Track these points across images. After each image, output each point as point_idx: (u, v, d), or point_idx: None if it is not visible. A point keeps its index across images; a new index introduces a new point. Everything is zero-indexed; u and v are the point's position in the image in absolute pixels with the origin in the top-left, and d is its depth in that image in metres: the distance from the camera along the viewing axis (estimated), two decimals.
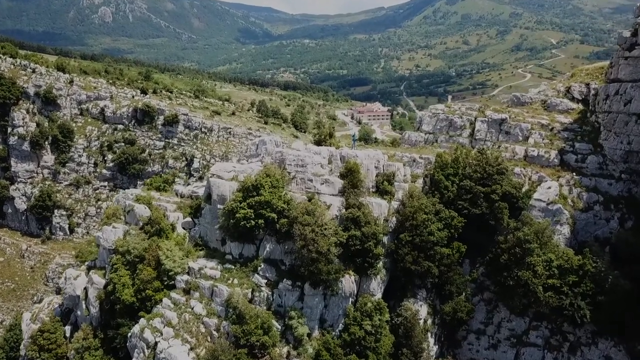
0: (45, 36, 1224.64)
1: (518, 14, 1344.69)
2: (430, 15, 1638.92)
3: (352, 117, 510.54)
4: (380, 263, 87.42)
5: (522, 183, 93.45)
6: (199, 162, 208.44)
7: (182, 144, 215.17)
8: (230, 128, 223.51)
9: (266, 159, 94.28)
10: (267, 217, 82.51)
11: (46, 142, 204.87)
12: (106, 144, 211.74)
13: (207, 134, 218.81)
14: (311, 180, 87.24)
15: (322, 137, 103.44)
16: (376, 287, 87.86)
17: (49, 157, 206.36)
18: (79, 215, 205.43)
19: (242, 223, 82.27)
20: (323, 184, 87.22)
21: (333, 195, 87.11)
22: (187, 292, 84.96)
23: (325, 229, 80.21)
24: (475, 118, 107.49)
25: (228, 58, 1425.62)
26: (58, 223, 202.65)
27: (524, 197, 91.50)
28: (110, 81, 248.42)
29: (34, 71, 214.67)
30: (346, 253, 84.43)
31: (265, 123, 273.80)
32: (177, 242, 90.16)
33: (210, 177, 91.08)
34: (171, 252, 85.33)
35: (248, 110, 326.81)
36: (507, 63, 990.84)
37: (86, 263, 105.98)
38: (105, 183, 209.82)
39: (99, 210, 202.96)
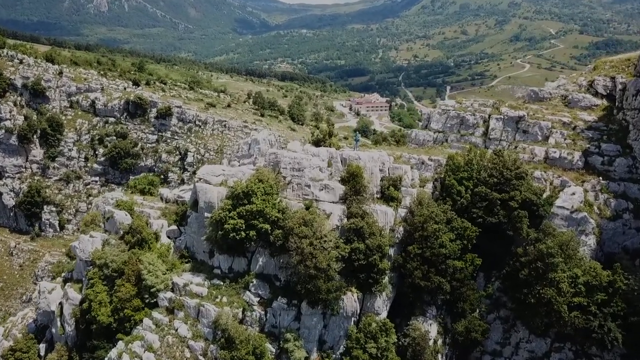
0: (40, 26, 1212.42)
1: (517, 4, 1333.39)
2: (428, 4, 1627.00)
3: (351, 109, 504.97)
4: (386, 278, 79.31)
5: (542, 188, 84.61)
6: (193, 156, 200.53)
7: (176, 137, 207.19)
8: (225, 121, 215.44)
9: (259, 161, 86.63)
10: (260, 229, 74.71)
11: (35, 136, 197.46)
12: (97, 138, 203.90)
13: (202, 127, 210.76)
14: (309, 186, 79.42)
15: (321, 136, 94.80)
16: (381, 305, 79.52)
17: (37, 152, 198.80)
18: (69, 211, 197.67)
19: (231, 235, 74.28)
20: (322, 190, 79.42)
21: (333, 202, 79.26)
22: (170, 311, 76.59)
23: (325, 241, 72.04)
24: (490, 115, 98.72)
25: (225, 48, 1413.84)
26: (48, 219, 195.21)
27: (545, 205, 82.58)
28: (102, 72, 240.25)
29: (21, 62, 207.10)
30: (348, 267, 76.34)
31: (262, 115, 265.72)
32: (161, 254, 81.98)
33: (197, 181, 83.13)
34: (153, 265, 76.96)
35: (244, 102, 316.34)
36: (506, 53, 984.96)
37: (63, 274, 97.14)
38: (97, 178, 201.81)
39: (90, 206, 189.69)
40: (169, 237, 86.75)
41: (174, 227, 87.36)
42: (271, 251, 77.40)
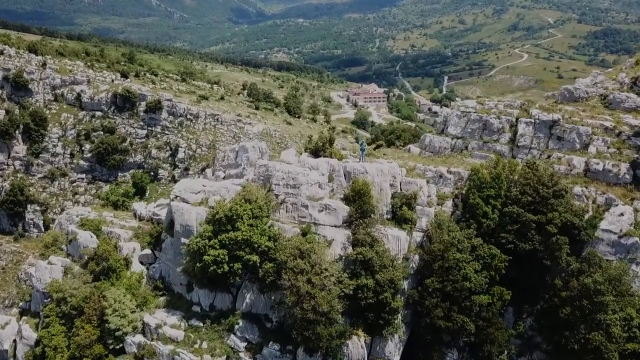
0: (33, 15, 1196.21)
1: None
2: None
3: (348, 100, 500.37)
4: (399, 318, 67.05)
5: (584, 208, 71.39)
6: (184, 152, 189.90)
7: (166, 132, 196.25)
8: (218, 115, 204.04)
9: (247, 172, 74.62)
10: (246, 261, 62.60)
11: (17, 131, 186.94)
12: (83, 133, 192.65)
13: (193, 121, 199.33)
14: (306, 207, 67.71)
15: (320, 144, 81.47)
16: (393, 349, 67.12)
17: (20, 148, 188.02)
18: (54, 210, 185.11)
19: (211, 268, 62.26)
20: (322, 211, 67.74)
21: (335, 226, 67.51)
22: (140, 359, 63.61)
23: (326, 276, 59.48)
24: (517, 119, 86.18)
25: (221, 38, 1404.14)
26: (32, 219, 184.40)
27: (587, 228, 69.44)
28: (89, 64, 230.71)
29: (1, 53, 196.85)
30: (353, 305, 63.92)
31: (257, 108, 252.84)
32: (130, 286, 69.50)
33: (173, 199, 70.87)
34: (120, 303, 64.16)
35: (238, 94, 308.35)
36: (504, 43, 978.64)
37: (20, 304, 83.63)
38: (83, 175, 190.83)
39: (76, 204, 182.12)
40: (142, 262, 74.85)
41: (148, 251, 75.55)
42: (261, 286, 65.38)
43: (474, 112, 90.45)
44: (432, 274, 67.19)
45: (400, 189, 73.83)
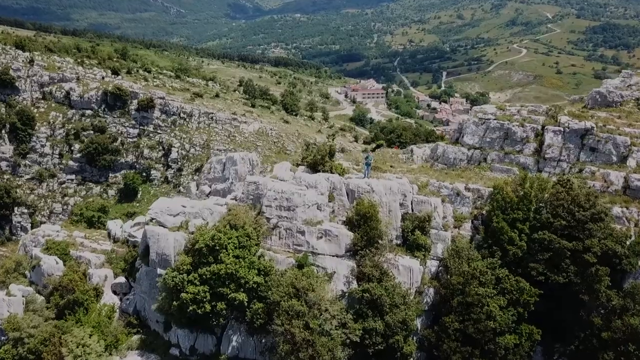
0: (29, 11, 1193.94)
1: None
2: None
3: (346, 96, 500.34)
4: None
5: (625, 233, 61.90)
6: (178, 152, 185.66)
7: (159, 131, 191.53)
8: (213, 113, 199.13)
9: (236, 188, 66.08)
10: (232, 300, 53.20)
11: (3, 131, 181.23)
12: (72, 132, 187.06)
13: (187, 119, 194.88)
14: (302, 233, 58.66)
15: (319, 157, 70.13)
16: None
17: (6, 148, 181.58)
18: (42, 213, 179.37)
19: (191, 307, 52.80)
20: (321, 237, 58.70)
21: (337, 256, 58.66)
22: None
23: (327, 319, 50.07)
24: (544, 127, 76.80)
25: (218, 33, 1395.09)
26: (19, 222, 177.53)
27: (630, 256, 59.95)
28: (79, 60, 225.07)
29: None
30: (359, 352, 54.37)
31: (253, 106, 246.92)
32: (99, 322, 59.55)
33: (148, 223, 61.60)
34: (84, 347, 54.34)
35: (234, 90, 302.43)
36: (502, 38, 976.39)
37: None
38: (73, 176, 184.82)
39: (65, 207, 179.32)
40: (115, 292, 65.25)
41: (122, 279, 66.20)
42: (249, 327, 55.85)
43: (494, 119, 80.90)
44: (450, 311, 57.95)
45: (412, 210, 65.29)
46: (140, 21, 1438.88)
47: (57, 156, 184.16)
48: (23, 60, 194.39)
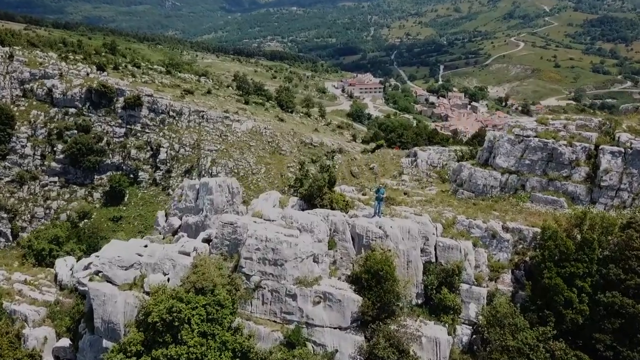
0: (22, 4, 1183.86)
1: None
2: None
3: (343, 90, 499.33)
4: None
5: None
6: (167, 152, 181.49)
7: (147, 130, 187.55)
8: (204, 111, 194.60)
9: (210, 222, 55.64)
10: None
11: None
12: (55, 132, 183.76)
13: (176, 118, 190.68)
14: (294, 297, 47.95)
15: (315, 188, 58.68)
16: None
17: None
18: (23, 217, 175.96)
19: None
20: (319, 302, 48.02)
21: (340, 328, 47.72)
22: None
23: None
24: (598, 146, 65.04)
25: (213, 26, 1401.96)
26: None
27: None
28: (63, 55, 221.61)
29: None
30: None
31: (246, 103, 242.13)
32: None
33: (92, 277, 50.94)
34: None
35: (227, 86, 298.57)
36: (500, 31, 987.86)
37: None
38: (56, 178, 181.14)
39: (47, 211, 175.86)
40: (57, 358, 54.40)
41: (66, 342, 54.43)
42: None
43: (534, 137, 67.89)
44: None
45: (436, 257, 53.78)
46: (135, 14, 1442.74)
47: (39, 157, 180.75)
48: (2, 56, 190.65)
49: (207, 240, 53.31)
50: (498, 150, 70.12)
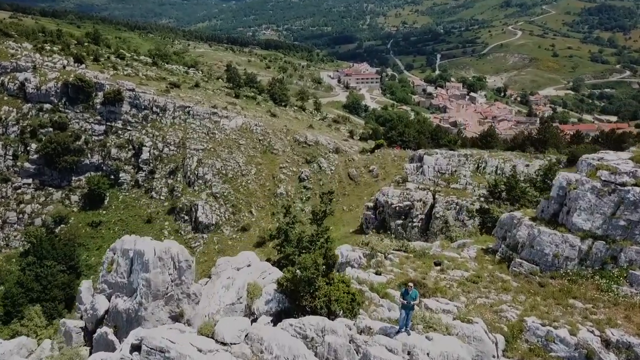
0: None
1: None
2: None
3: (339, 81, 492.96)
4: None
5: None
6: (149, 151, 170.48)
7: (128, 128, 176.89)
8: (190, 106, 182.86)
9: (147, 315, 37.21)
10: None
11: None
12: (28, 130, 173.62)
13: (160, 114, 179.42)
14: None
15: (305, 281, 37.91)
16: None
17: None
18: None
19: None
20: None
21: None
22: None
23: None
24: None
25: (208, 14, 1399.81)
26: None
27: None
28: (38, 46, 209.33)
29: None
30: None
31: (236, 96, 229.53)
32: None
33: None
34: None
35: (217, 78, 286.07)
36: (497, 19, 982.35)
37: None
38: (30, 180, 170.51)
39: (21, 215, 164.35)
40: None
41: None
42: None
43: (633, 184, 45.17)
44: None
45: None
46: (128, 2, 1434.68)
47: (11, 157, 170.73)
48: None
49: (137, 348, 32.39)
50: (575, 204, 47.59)
